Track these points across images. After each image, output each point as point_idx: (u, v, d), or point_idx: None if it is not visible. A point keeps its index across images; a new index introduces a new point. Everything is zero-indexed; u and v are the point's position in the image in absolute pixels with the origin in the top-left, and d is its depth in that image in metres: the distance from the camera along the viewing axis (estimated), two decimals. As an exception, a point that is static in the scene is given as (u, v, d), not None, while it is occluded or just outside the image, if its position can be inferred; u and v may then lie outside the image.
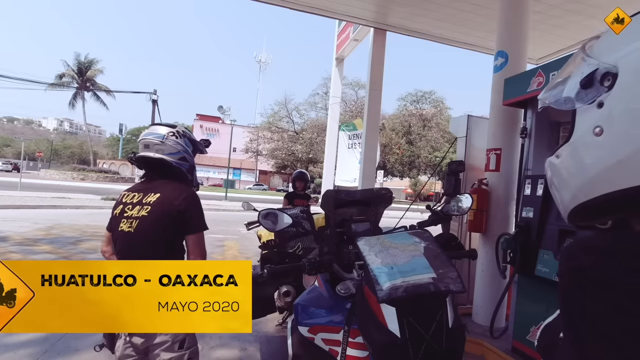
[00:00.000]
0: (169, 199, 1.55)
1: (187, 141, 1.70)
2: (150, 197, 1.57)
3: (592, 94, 0.56)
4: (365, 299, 1.25)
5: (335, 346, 1.32)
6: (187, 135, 1.72)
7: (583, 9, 4.79)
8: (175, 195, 1.57)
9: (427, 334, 1.10)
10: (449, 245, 1.75)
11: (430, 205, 1.94)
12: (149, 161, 1.63)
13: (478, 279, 3.41)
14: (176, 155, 1.65)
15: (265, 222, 1.72)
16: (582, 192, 0.57)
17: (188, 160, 1.70)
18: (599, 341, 0.45)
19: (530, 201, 2.55)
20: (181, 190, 1.61)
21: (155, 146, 1.62)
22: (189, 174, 1.73)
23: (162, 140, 1.62)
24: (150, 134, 1.64)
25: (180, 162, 1.66)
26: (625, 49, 0.55)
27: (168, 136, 1.63)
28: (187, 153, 1.69)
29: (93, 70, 40.68)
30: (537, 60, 6.24)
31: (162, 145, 1.62)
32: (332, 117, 10.17)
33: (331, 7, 5.66)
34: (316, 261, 1.47)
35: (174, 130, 1.68)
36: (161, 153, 1.62)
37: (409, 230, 1.61)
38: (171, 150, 1.64)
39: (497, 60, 3.38)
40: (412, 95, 32.74)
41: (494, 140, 3.38)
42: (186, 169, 1.69)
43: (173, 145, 1.64)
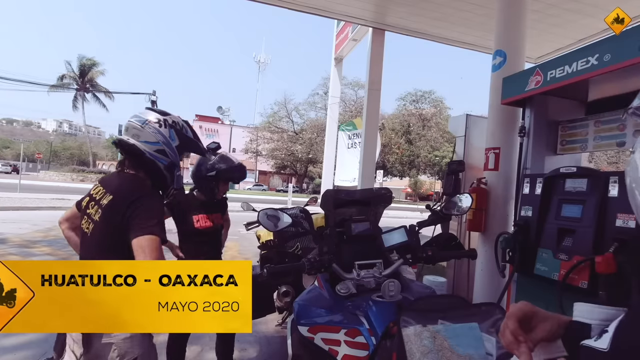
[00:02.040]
0: (118, 203, 1.37)
1: (172, 134, 1.49)
2: (105, 198, 1.41)
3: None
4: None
5: (335, 346, 1.32)
6: (176, 128, 1.51)
7: (581, 8, 4.80)
8: (125, 196, 1.38)
9: None
10: (448, 245, 1.76)
11: (430, 205, 1.95)
12: (124, 146, 1.45)
13: (477, 277, 3.41)
14: (153, 145, 1.44)
15: (265, 222, 1.71)
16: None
17: (168, 155, 1.47)
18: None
19: (529, 200, 2.55)
20: (134, 190, 1.41)
21: (133, 130, 1.44)
22: (167, 172, 1.50)
23: (142, 126, 1.43)
24: (135, 116, 1.47)
25: (156, 154, 1.44)
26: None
27: (150, 122, 1.44)
28: (169, 147, 1.47)
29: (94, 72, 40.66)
30: (535, 59, 6.25)
31: (139, 131, 1.43)
32: (331, 117, 10.17)
33: (329, 7, 5.66)
34: (316, 261, 1.47)
35: (161, 117, 1.48)
36: (136, 139, 1.43)
37: (406, 228, 1.61)
38: (148, 139, 1.43)
39: (496, 60, 3.39)
40: (411, 95, 32.78)
41: (493, 139, 3.38)
42: (164, 164, 1.47)
43: (152, 133, 1.43)
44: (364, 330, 1.31)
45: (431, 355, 0.97)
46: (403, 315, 1.07)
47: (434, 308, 1.09)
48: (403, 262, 1.57)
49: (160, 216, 1.42)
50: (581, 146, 2.81)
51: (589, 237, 2.08)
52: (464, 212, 1.74)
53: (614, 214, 1.97)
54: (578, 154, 3.06)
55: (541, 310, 0.69)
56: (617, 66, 2.02)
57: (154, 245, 1.30)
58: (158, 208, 1.43)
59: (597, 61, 2.14)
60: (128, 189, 1.42)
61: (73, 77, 40.14)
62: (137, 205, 1.34)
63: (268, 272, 1.32)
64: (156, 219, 1.36)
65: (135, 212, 1.33)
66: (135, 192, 1.40)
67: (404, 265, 1.59)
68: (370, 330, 1.31)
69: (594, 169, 2.69)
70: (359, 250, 1.62)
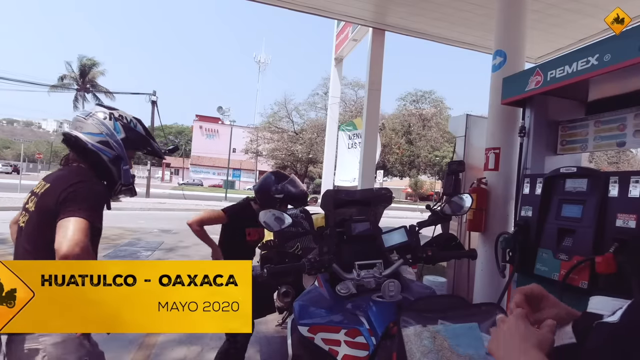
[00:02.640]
0: (54, 189, 1.31)
1: (118, 126, 1.45)
2: (43, 188, 1.35)
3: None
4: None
5: (335, 346, 1.32)
6: (122, 122, 1.47)
7: (581, 8, 4.80)
8: (63, 182, 1.32)
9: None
10: (449, 245, 1.76)
11: (430, 205, 1.95)
12: (68, 139, 1.41)
13: (477, 277, 3.41)
14: (96, 136, 1.40)
15: (266, 222, 1.71)
16: None
17: (113, 147, 1.43)
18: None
19: (529, 200, 2.55)
20: (73, 177, 1.35)
21: (77, 123, 1.41)
22: (113, 165, 1.45)
23: (85, 118, 1.41)
24: (82, 111, 1.47)
25: (99, 145, 1.40)
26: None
27: (94, 114, 1.42)
28: (113, 139, 1.42)
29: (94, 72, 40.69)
30: (535, 60, 6.24)
31: (83, 123, 1.40)
32: (331, 117, 10.17)
33: (329, 7, 5.66)
34: (316, 261, 1.47)
35: (108, 112, 1.46)
36: (79, 131, 1.39)
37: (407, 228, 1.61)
38: (91, 130, 1.40)
39: (496, 60, 3.39)
40: (411, 95, 32.73)
41: (493, 139, 3.38)
42: (108, 157, 1.42)
43: (95, 124, 1.40)
44: (364, 331, 1.31)
45: (431, 355, 0.95)
46: (403, 315, 1.06)
47: (434, 308, 1.09)
48: (403, 262, 1.57)
49: (96, 203, 1.33)
50: (581, 146, 2.81)
51: (589, 237, 2.08)
52: (464, 213, 1.74)
53: (614, 214, 1.97)
54: (578, 154, 3.06)
55: (553, 297, 0.69)
56: (617, 66, 2.02)
57: (79, 227, 1.21)
58: (95, 195, 1.34)
59: (597, 61, 2.14)
60: (67, 176, 1.36)
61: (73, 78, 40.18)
62: (71, 189, 1.28)
63: (268, 272, 1.32)
64: (89, 204, 1.27)
65: (68, 197, 1.26)
66: (73, 178, 1.34)
67: (404, 265, 1.59)
68: (370, 331, 1.31)
69: (594, 169, 2.69)
70: (359, 251, 1.62)
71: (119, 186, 1.50)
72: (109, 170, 1.45)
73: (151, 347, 3.17)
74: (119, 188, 1.51)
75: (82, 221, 1.22)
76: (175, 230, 9.83)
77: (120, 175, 1.47)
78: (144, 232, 8.96)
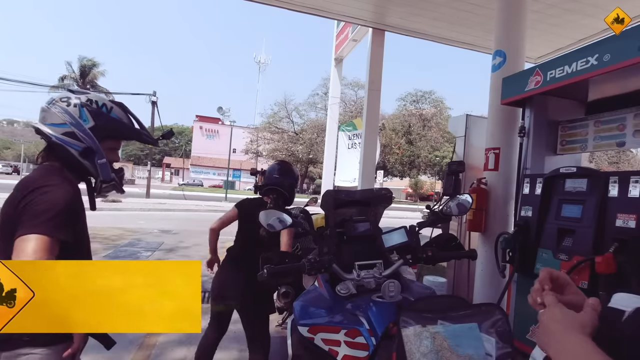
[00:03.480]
0: (15, 196, 1.14)
1: (84, 114, 1.22)
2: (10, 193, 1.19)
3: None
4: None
5: (335, 346, 1.32)
6: (90, 108, 1.24)
7: (581, 8, 4.80)
8: (26, 186, 1.14)
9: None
10: (448, 246, 1.76)
11: (430, 206, 1.95)
12: (38, 133, 1.23)
13: (477, 278, 3.41)
14: (59, 127, 1.20)
15: (265, 223, 1.70)
16: None
17: (80, 139, 1.21)
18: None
19: (529, 200, 2.55)
20: (38, 179, 1.17)
21: (42, 113, 1.22)
22: (84, 159, 1.24)
23: (48, 106, 1.21)
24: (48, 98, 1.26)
25: (64, 138, 1.20)
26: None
27: (57, 101, 1.22)
28: (80, 129, 1.21)
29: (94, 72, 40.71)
30: (535, 60, 6.25)
31: (45, 112, 1.22)
32: (331, 118, 10.17)
33: (329, 8, 5.66)
34: (316, 261, 1.47)
35: (73, 96, 1.24)
36: (42, 122, 1.21)
37: (406, 228, 1.61)
38: (54, 120, 1.20)
39: (495, 60, 3.39)
40: (411, 95, 32.78)
41: (493, 139, 3.38)
42: (77, 150, 1.22)
43: (57, 113, 1.20)
44: (364, 331, 1.31)
45: (431, 356, 0.96)
46: (403, 315, 1.07)
47: (434, 308, 1.09)
48: (403, 262, 1.58)
49: (60, 212, 1.11)
50: (581, 146, 2.81)
51: (589, 237, 2.08)
52: (464, 213, 1.74)
53: (614, 214, 1.97)
54: (578, 154, 3.06)
55: (575, 286, 0.69)
56: (617, 66, 2.02)
57: (36, 247, 1.03)
58: (58, 201, 1.12)
59: (596, 61, 2.14)
60: (31, 179, 1.18)
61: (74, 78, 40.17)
62: (30, 198, 1.10)
63: (268, 273, 1.32)
64: (49, 215, 1.08)
65: (26, 207, 1.09)
66: (38, 180, 1.15)
67: (404, 265, 1.59)
68: (370, 331, 1.31)
69: (594, 169, 2.69)
70: (359, 251, 1.62)
71: (98, 183, 1.32)
72: (82, 166, 1.26)
73: (151, 348, 3.17)
74: (99, 185, 1.34)
75: (40, 238, 1.04)
76: (175, 230, 9.83)
77: (97, 170, 1.28)
78: (144, 233, 8.95)
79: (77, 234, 1.22)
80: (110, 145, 1.33)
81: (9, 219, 1.12)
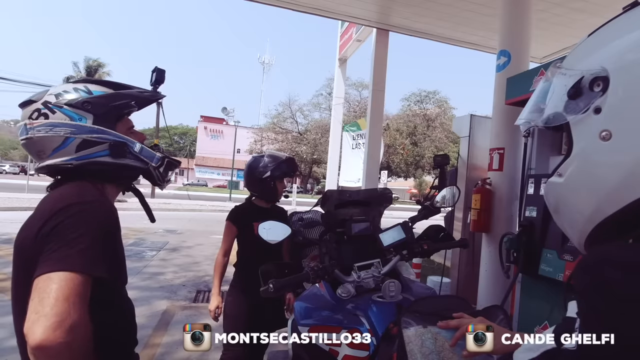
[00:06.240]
0: (31, 224, 0.84)
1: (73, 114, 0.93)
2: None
3: (584, 102, 0.56)
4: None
5: (335, 346, 1.32)
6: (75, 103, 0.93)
7: (586, 7, 4.76)
8: (44, 212, 0.84)
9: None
10: (438, 236, 1.76)
11: (421, 200, 1.96)
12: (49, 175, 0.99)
13: (482, 279, 3.39)
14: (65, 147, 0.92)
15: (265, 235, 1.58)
16: (608, 204, 0.53)
17: (98, 140, 0.95)
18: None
19: (534, 200, 2.53)
20: (58, 200, 0.85)
21: (28, 148, 0.94)
22: (121, 159, 0.99)
23: (27, 137, 0.91)
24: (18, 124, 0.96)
25: (82, 154, 0.93)
26: (607, 50, 0.54)
27: (29, 124, 0.90)
28: (86, 131, 0.93)
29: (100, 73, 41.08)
30: (540, 59, 6.21)
31: (33, 144, 0.92)
32: (335, 118, 10.16)
33: (333, 8, 5.67)
34: (319, 269, 1.45)
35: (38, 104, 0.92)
36: (41, 158, 0.94)
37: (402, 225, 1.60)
38: (52, 145, 0.91)
39: (500, 60, 3.37)
40: (415, 96, 32.66)
41: (497, 139, 3.36)
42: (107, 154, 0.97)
43: (47, 135, 0.90)
44: (365, 331, 1.31)
45: (432, 356, 0.95)
46: (403, 315, 1.06)
47: (435, 309, 1.09)
48: (400, 258, 1.58)
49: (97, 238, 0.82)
50: (586, 146, 2.78)
51: (593, 238, 2.05)
52: (452, 205, 1.75)
53: (619, 215, 1.95)
54: (583, 154, 3.03)
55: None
56: (622, 65, 2.00)
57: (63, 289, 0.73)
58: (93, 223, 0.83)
59: (602, 60, 2.12)
60: (55, 196, 0.89)
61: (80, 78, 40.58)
62: (56, 220, 0.80)
63: (275, 287, 1.26)
64: (82, 244, 0.78)
65: (53, 230, 0.79)
66: (59, 202, 0.85)
67: (401, 261, 1.59)
68: (370, 331, 1.30)
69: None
70: (359, 251, 1.62)
71: (154, 171, 1.08)
72: (124, 167, 1.00)
73: (156, 347, 3.19)
74: (157, 174, 1.10)
75: (70, 276, 0.75)
76: (179, 230, 9.88)
77: (140, 159, 1.03)
78: (149, 232, 9.01)
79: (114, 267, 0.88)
80: (125, 127, 1.04)
81: (26, 253, 0.82)
